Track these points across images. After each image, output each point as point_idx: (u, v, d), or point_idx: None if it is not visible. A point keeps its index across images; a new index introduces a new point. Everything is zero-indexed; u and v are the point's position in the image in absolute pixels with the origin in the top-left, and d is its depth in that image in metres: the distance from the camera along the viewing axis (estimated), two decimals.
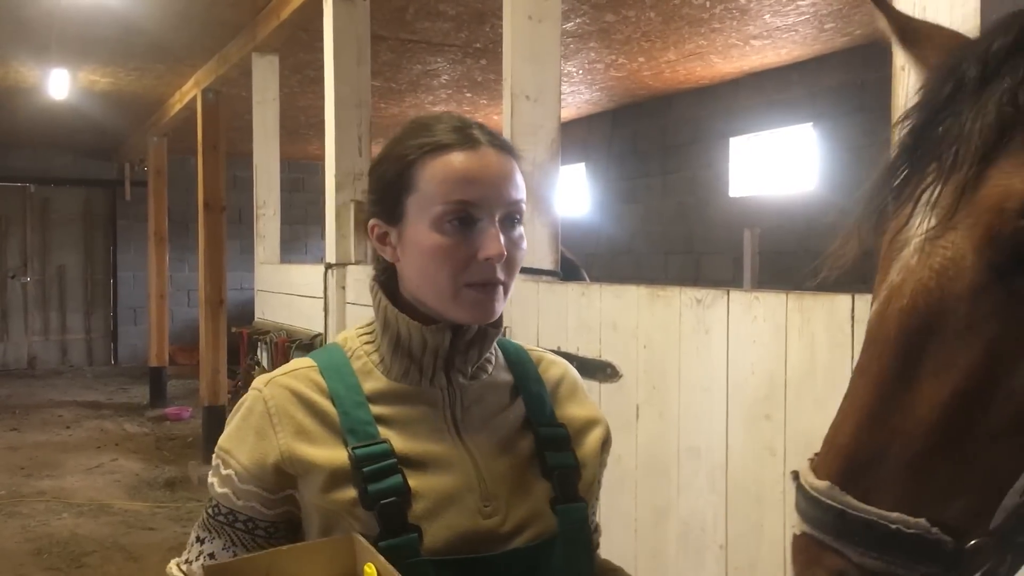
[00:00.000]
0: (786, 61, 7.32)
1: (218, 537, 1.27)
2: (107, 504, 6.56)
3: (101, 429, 9.24)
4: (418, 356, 1.27)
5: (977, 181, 0.84)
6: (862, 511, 0.84)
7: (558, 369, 1.42)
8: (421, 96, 8.64)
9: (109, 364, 13.46)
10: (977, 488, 0.84)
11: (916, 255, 0.87)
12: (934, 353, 0.85)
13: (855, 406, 0.89)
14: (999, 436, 0.83)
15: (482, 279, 1.21)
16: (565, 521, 1.27)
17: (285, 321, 5.38)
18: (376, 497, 1.19)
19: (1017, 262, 0.82)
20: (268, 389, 1.27)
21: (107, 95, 8.52)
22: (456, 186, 1.23)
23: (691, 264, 8.57)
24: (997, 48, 0.87)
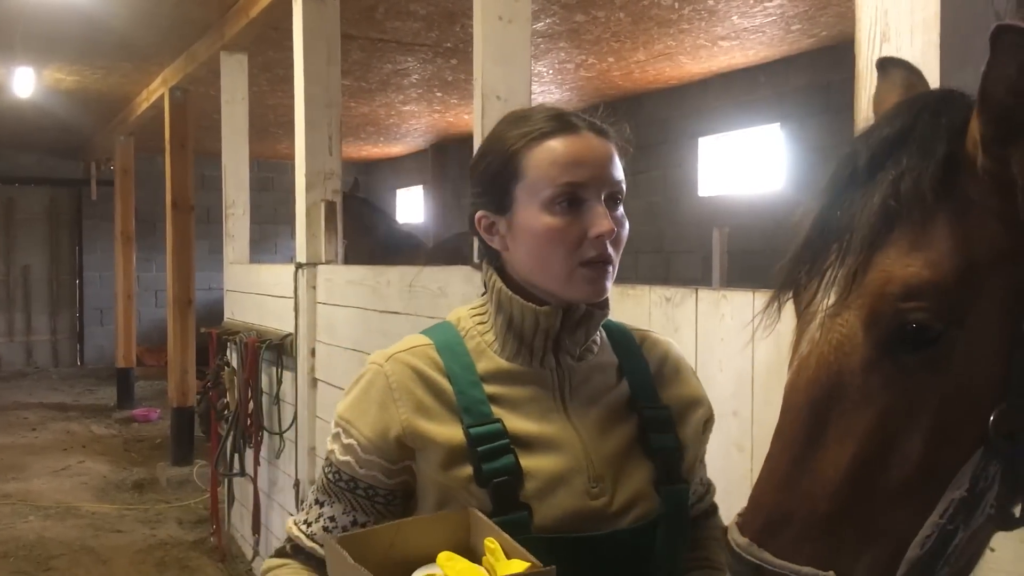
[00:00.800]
0: (753, 62, 7.39)
1: (338, 502, 1.34)
2: (74, 506, 6.50)
3: (68, 431, 9.15)
4: (529, 337, 1.32)
5: (866, 265, 0.92)
6: (777, 566, 0.91)
7: (661, 348, 1.46)
8: (391, 95, 8.63)
9: (75, 365, 13.32)
10: (882, 543, 0.92)
11: (819, 330, 0.96)
12: (836, 421, 0.93)
13: (772, 468, 0.97)
14: (898, 495, 0.91)
15: (595, 256, 1.27)
16: (669, 503, 1.32)
17: (255, 321, 5.35)
18: (490, 476, 1.25)
19: (900, 340, 0.90)
20: (389, 364, 1.33)
21: (73, 94, 8.43)
22: (564, 169, 1.28)
23: (661, 263, 8.63)
24: (883, 139, 0.96)
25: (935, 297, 0.89)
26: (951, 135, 0.92)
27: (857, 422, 0.92)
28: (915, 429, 0.90)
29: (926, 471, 0.90)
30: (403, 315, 3.49)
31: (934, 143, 0.92)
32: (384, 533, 1.21)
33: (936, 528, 0.90)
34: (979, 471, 0.90)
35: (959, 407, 0.91)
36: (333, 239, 4.45)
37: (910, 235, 0.91)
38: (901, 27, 1.58)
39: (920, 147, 0.93)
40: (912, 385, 0.91)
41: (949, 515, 0.90)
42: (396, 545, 1.18)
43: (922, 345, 0.89)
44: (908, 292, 0.89)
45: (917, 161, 0.92)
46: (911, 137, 0.94)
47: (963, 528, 0.91)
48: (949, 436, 0.91)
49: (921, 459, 0.90)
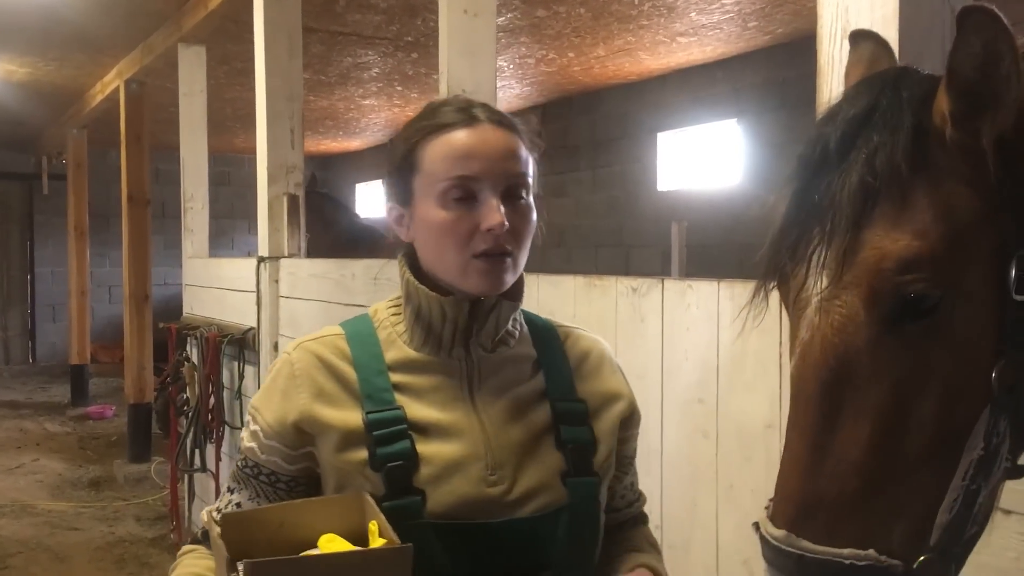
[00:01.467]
0: (711, 58, 7.48)
1: (245, 488, 1.35)
2: (30, 505, 6.39)
3: (21, 429, 8.99)
4: (438, 328, 1.33)
5: (855, 245, 0.94)
6: (818, 552, 0.93)
7: (586, 343, 1.45)
8: (351, 89, 8.59)
9: (27, 362, 13.06)
10: (912, 513, 0.94)
11: (818, 314, 0.97)
12: (850, 400, 0.95)
13: (794, 457, 0.98)
14: (920, 463, 0.94)
15: (486, 249, 1.26)
16: (574, 494, 1.31)
17: (216, 316, 5.31)
18: (384, 460, 1.26)
19: (901, 312, 0.92)
20: (295, 353, 1.36)
21: (25, 86, 8.27)
22: (455, 163, 1.29)
23: (621, 257, 8.70)
24: (851, 117, 0.98)
25: (929, 266, 0.91)
26: (915, 107, 0.95)
27: (871, 398, 0.94)
28: (926, 396, 0.93)
29: (942, 436, 0.93)
30: (368, 308, 3.49)
31: (900, 116, 0.95)
32: (273, 514, 1.23)
33: (961, 490, 0.93)
34: (991, 428, 0.93)
35: (964, 368, 0.93)
36: (296, 233, 4.44)
37: (892, 209, 0.93)
38: (862, 23, 1.62)
39: (887, 122, 0.95)
40: (918, 354, 0.93)
41: (971, 475, 0.93)
42: (286, 526, 1.19)
43: (923, 314, 0.92)
44: (904, 265, 0.91)
45: (887, 136, 0.94)
46: (876, 114, 0.96)
47: (984, 485, 0.94)
48: (959, 399, 0.93)
49: (936, 424, 0.93)
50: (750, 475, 1.96)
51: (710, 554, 2.08)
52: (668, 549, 2.19)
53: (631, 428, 1.45)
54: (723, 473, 2.04)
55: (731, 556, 2.03)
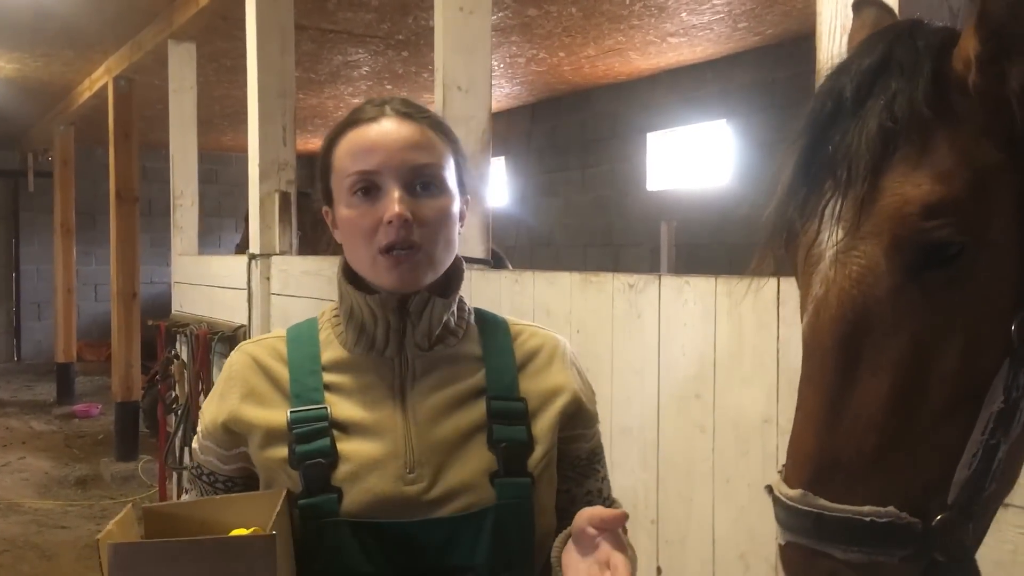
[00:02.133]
0: (701, 59, 7.51)
1: (194, 488, 1.39)
2: (17, 503, 6.36)
3: (6, 427, 8.93)
4: (370, 327, 1.31)
5: (873, 193, 0.92)
6: (837, 511, 0.91)
7: (537, 341, 1.40)
8: (341, 87, 8.57)
9: (12, 360, 12.98)
10: (930, 468, 0.92)
11: (833, 267, 0.95)
12: (868, 354, 0.93)
13: (809, 414, 0.96)
14: (939, 418, 0.92)
15: (390, 243, 1.24)
16: (503, 495, 1.27)
17: (205, 313, 5.29)
18: (302, 457, 1.25)
19: (924, 260, 0.90)
20: (234, 356, 1.38)
21: (11, 82, 8.22)
22: (355, 158, 1.28)
23: (610, 256, 8.72)
24: (867, 67, 0.96)
25: (953, 212, 0.89)
26: (932, 55, 0.93)
27: (890, 351, 0.92)
28: (947, 348, 0.91)
29: (962, 389, 0.91)
30: None
31: (919, 63, 0.93)
32: (196, 508, 1.25)
33: (980, 445, 0.91)
34: (1010, 381, 0.91)
35: (985, 319, 0.92)
36: (287, 230, 4.43)
37: (913, 155, 0.91)
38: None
39: (906, 69, 0.93)
40: (939, 304, 0.91)
41: (990, 430, 0.91)
42: (208, 521, 1.22)
43: (946, 262, 0.90)
44: (928, 210, 0.89)
45: (906, 82, 0.92)
46: (893, 62, 0.95)
47: (1004, 441, 0.92)
48: (980, 350, 0.91)
49: (956, 377, 0.91)
50: (747, 469, 1.98)
51: (706, 548, 2.09)
52: (665, 544, 2.21)
53: (579, 427, 1.39)
54: (720, 468, 2.05)
55: (728, 550, 2.04)
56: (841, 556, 0.91)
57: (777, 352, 1.89)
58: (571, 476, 1.40)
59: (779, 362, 1.89)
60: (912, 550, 0.91)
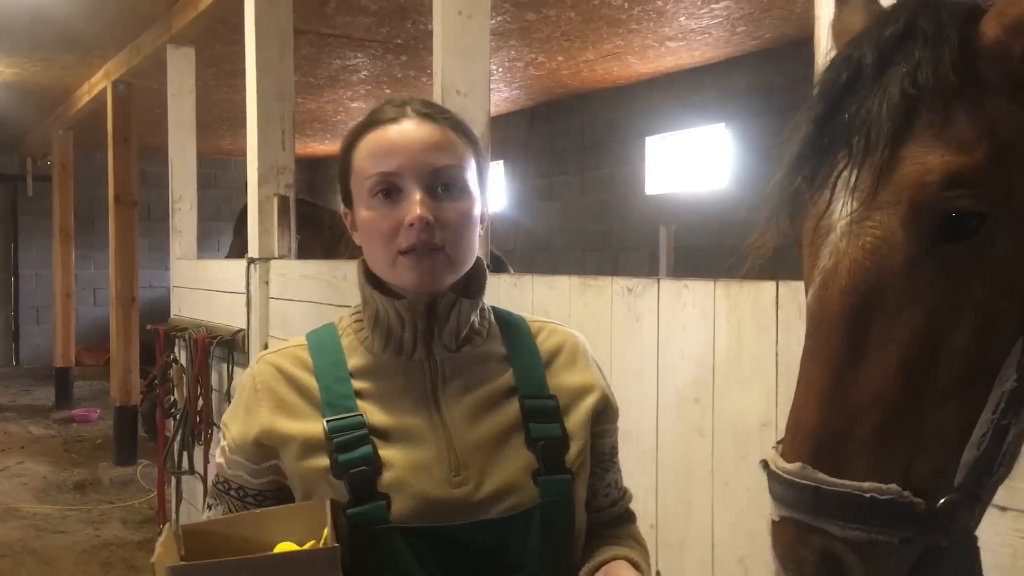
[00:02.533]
0: (699, 63, 7.52)
1: (220, 504, 1.35)
2: (15, 508, 6.35)
3: (5, 432, 8.91)
4: (397, 331, 1.31)
5: (892, 161, 0.89)
6: (836, 485, 0.88)
7: (558, 338, 1.41)
8: (340, 91, 8.58)
9: (10, 365, 12.97)
10: (938, 448, 0.89)
11: (845, 238, 0.91)
12: (878, 327, 0.90)
13: (813, 388, 0.93)
14: (949, 396, 0.89)
15: (410, 245, 1.24)
16: (546, 493, 1.27)
17: (204, 317, 5.29)
18: (346, 466, 1.24)
19: (944, 231, 0.88)
20: (257, 367, 1.35)
21: (10, 86, 8.22)
22: (376, 160, 1.28)
23: (609, 260, 8.72)
24: (889, 35, 0.93)
25: (975, 182, 0.86)
26: (958, 24, 0.91)
27: (902, 325, 0.88)
28: (961, 324, 0.88)
29: (974, 367, 0.88)
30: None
31: (945, 31, 0.90)
32: (235, 524, 1.22)
33: (991, 425, 0.88)
34: None
35: (1003, 296, 0.89)
36: (286, 234, 4.43)
37: (935, 124, 0.88)
38: None
39: (932, 38, 0.90)
40: (956, 278, 0.88)
41: (1002, 409, 0.88)
42: (250, 535, 1.19)
43: (966, 234, 0.87)
44: (950, 180, 0.86)
45: (932, 51, 0.89)
46: (917, 30, 0.91)
47: (1015, 422, 0.89)
48: (994, 327, 0.89)
49: (968, 355, 0.88)
50: (746, 473, 1.97)
51: (706, 552, 2.08)
52: (664, 548, 2.20)
53: (606, 422, 1.41)
54: (719, 471, 2.05)
55: (727, 554, 2.03)
56: (838, 533, 0.88)
57: (776, 356, 1.89)
58: (595, 471, 1.42)
59: (778, 366, 1.88)
60: (914, 531, 0.88)
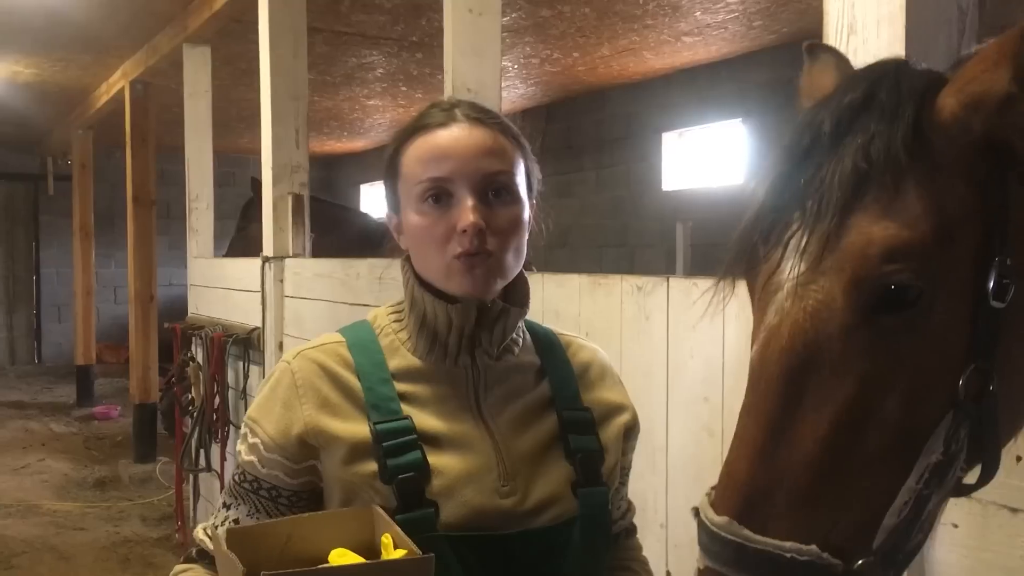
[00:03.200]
0: (716, 58, 7.47)
1: (243, 504, 1.30)
2: (36, 505, 6.41)
3: (26, 429, 9.00)
4: (443, 335, 1.30)
5: (840, 230, 0.91)
6: (759, 543, 0.90)
7: (587, 353, 1.43)
8: (356, 89, 8.59)
9: (32, 363, 13.10)
10: (860, 511, 0.92)
11: (789, 298, 0.94)
12: (813, 389, 0.92)
13: (746, 443, 0.95)
14: (875, 462, 0.91)
15: (463, 251, 1.23)
16: (586, 504, 1.29)
17: (221, 316, 5.31)
18: (395, 472, 1.22)
19: (881, 302, 0.90)
20: (296, 362, 1.31)
21: (30, 86, 8.29)
22: (427, 165, 1.27)
23: (626, 257, 8.69)
24: (848, 104, 0.96)
25: (916, 257, 0.89)
26: (915, 99, 0.93)
27: (836, 389, 0.91)
28: (892, 392, 0.91)
29: (902, 435, 0.91)
30: (374, 307, 3.49)
31: (902, 106, 0.93)
32: (280, 528, 1.19)
33: (912, 494, 0.91)
34: (951, 434, 0.91)
35: (934, 369, 0.91)
36: (300, 232, 4.44)
37: (883, 198, 0.91)
38: (868, 20, 1.62)
39: (887, 111, 0.93)
40: (891, 348, 0.91)
41: (925, 480, 0.90)
42: (293, 540, 1.16)
43: (902, 306, 0.90)
44: (890, 253, 0.89)
45: (886, 125, 0.92)
46: (875, 102, 0.94)
47: (937, 492, 0.92)
48: (924, 398, 0.91)
49: (898, 423, 0.91)
50: None
51: None
52: (673, 548, 2.19)
53: (632, 439, 1.45)
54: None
55: None
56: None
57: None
58: None
59: None
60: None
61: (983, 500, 1.53)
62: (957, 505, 1.58)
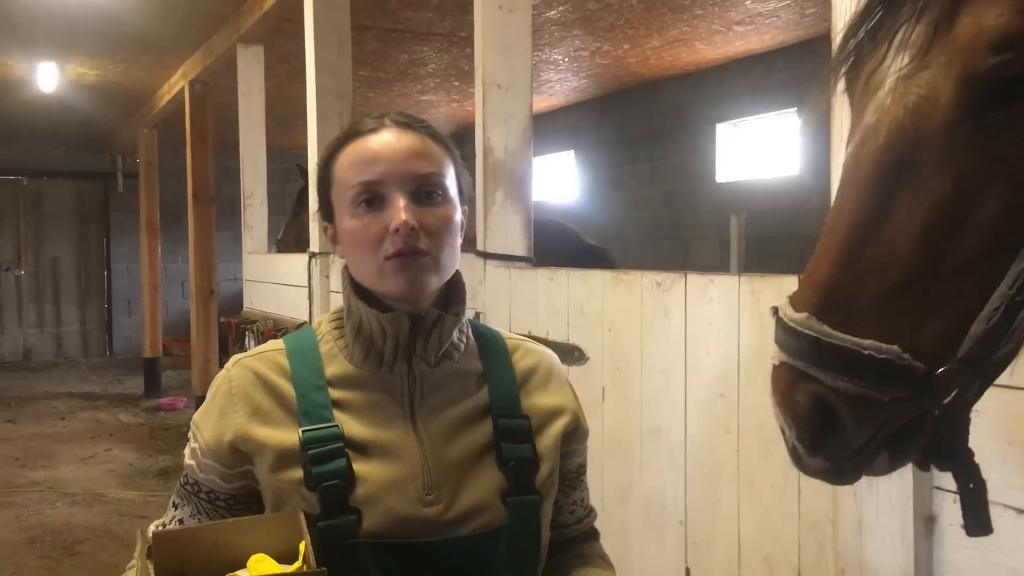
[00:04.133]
0: (769, 47, 7.35)
1: (187, 504, 1.34)
2: (100, 493, 6.62)
3: (96, 420, 9.30)
4: (379, 343, 1.30)
5: (951, 18, 0.86)
6: (836, 338, 0.88)
7: (533, 358, 1.41)
8: (409, 85, 8.66)
9: (104, 355, 13.52)
10: (947, 317, 0.88)
11: (890, 95, 0.90)
12: (907, 189, 0.88)
13: (831, 244, 0.92)
14: (967, 267, 0.87)
15: (395, 250, 1.24)
16: (515, 513, 1.28)
17: (272, 310, 5.43)
18: (319, 479, 1.23)
19: (988, 98, 0.85)
20: (234, 370, 1.34)
21: (96, 87, 8.54)
22: (359, 169, 1.28)
23: (679, 250, 8.61)
24: None
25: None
26: None
27: (931, 189, 0.87)
28: (991, 196, 0.86)
29: (998, 242, 0.87)
30: None
31: None
32: (206, 533, 1.21)
33: (1004, 300, 0.86)
34: None
35: None
36: None
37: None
38: None
39: None
40: (994, 147, 0.86)
41: (1019, 285, 0.86)
42: (219, 545, 1.18)
43: (1011, 101, 0.84)
44: (1003, 41, 0.83)
45: None
46: None
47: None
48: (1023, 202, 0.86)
49: (994, 228, 0.86)
50: (770, 471, 1.94)
51: (732, 550, 2.06)
52: (692, 545, 2.18)
53: (575, 443, 1.41)
54: (744, 469, 2.02)
55: (752, 553, 2.00)
56: (830, 382, 0.89)
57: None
58: (562, 489, 1.42)
59: None
60: (907, 392, 0.88)
61: (992, 502, 1.50)
62: None
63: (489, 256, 3.00)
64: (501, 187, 3.03)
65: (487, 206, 3.01)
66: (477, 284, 3.03)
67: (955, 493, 1.56)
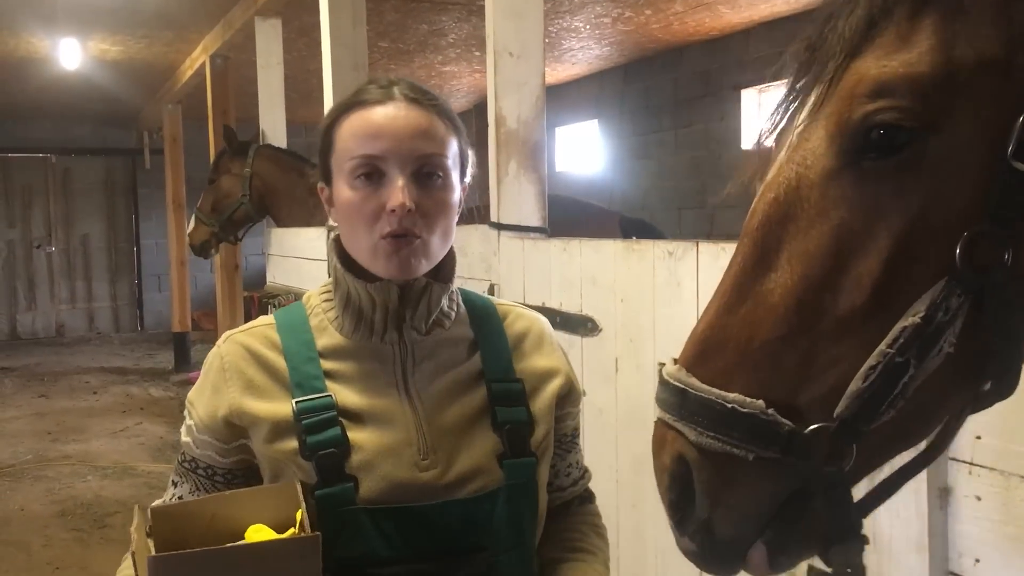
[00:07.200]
0: (795, 9, 7.21)
1: (186, 482, 1.36)
2: (131, 467, 6.71)
3: (127, 394, 9.42)
4: (368, 313, 1.30)
5: (843, 71, 0.86)
6: (701, 391, 0.87)
7: (524, 322, 1.43)
8: (430, 56, 8.61)
9: (135, 330, 13.68)
10: (824, 375, 0.85)
11: (787, 151, 0.90)
12: (789, 242, 0.87)
13: (715, 296, 0.92)
14: (846, 323, 0.84)
15: (391, 231, 1.23)
16: (511, 475, 1.29)
17: (294, 284, 5.44)
18: (315, 448, 1.25)
19: (866, 146, 0.83)
20: (225, 346, 1.35)
21: (119, 64, 8.57)
22: (362, 141, 1.26)
23: (705, 219, 8.53)
24: None
25: (906, 95, 0.81)
26: None
27: (810, 241, 0.85)
28: (872, 250, 0.83)
29: (879, 299, 0.83)
30: None
31: None
32: (206, 506, 1.22)
33: (883, 358, 0.82)
34: (939, 300, 0.81)
35: (924, 229, 0.82)
36: None
37: (894, 40, 0.83)
38: None
39: None
40: (873, 199, 0.83)
41: (899, 345, 0.81)
42: (218, 518, 1.19)
43: (889, 151, 0.82)
44: (878, 89, 0.82)
45: None
46: None
47: (915, 363, 0.82)
48: (910, 261, 0.83)
49: (875, 285, 0.83)
50: None
51: None
52: None
53: (569, 406, 1.43)
54: None
55: None
56: (693, 438, 0.87)
57: None
58: (557, 452, 1.43)
59: None
60: (773, 451, 0.84)
61: (1006, 472, 1.46)
62: (979, 477, 1.51)
63: (503, 227, 2.96)
64: (514, 157, 2.99)
65: (500, 176, 2.97)
66: (491, 255, 3.00)
67: (970, 464, 1.53)
